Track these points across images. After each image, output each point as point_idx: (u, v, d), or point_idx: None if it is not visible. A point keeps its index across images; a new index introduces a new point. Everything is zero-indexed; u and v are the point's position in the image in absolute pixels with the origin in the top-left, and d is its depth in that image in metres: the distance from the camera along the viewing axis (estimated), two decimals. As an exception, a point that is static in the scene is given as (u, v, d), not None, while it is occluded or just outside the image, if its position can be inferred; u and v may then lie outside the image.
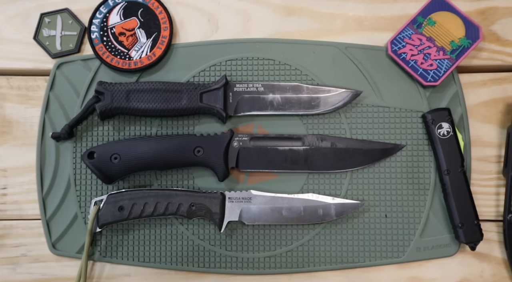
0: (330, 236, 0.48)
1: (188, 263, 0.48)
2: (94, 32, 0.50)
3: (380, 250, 0.48)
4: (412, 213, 0.48)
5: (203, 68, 0.50)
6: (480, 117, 0.50)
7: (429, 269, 0.48)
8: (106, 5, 0.50)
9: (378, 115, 0.49)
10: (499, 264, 0.48)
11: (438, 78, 0.48)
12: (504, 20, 0.51)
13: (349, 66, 0.50)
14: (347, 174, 0.49)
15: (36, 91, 0.51)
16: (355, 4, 0.51)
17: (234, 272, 0.48)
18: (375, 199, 0.49)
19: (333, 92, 0.48)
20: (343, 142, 0.48)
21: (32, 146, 0.50)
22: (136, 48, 0.50)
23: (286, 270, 0.48)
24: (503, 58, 0.50)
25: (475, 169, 0.49)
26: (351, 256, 0.48)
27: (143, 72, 0.50)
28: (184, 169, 0.49)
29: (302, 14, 0.51)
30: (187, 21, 0.51)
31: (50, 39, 0.51)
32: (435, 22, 0.49)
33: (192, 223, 0.48)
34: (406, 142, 0.49)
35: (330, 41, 0.50)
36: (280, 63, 0.50)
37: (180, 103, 0.47)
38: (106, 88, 0.47)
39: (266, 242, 0.48)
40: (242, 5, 0.52)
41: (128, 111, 0.48)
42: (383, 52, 0.50)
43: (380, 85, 0.50)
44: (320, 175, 0.49)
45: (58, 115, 0.50)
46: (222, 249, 0.48)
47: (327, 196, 0.48)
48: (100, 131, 0.49)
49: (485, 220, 0.48)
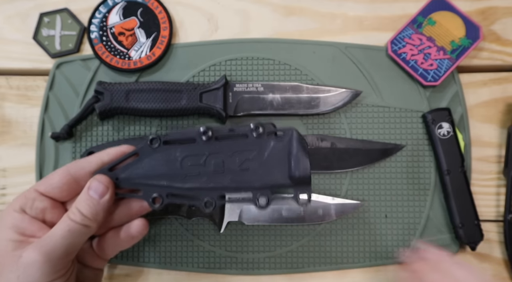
0: (330, 236, 0.48)
1: (188, 264, 0.48)
2: (93, 32, 0.50)
3: (380, 250, 0.48)
4: (412, 213, 0.48)
5: (202, 68, 0.50)
6: (481, 117, 0.50)
7: (429, 269, 0.48)
8: (106, 5, 0.50)
9: (378, 115, 0.49)
10: (499, 264, 0.48)
11: (438, 78, 0.48)
12: (504, 20, 0.51)
13: (349, 66, 0.50)
14: (347, 174, 0.49)
15: (35, 91, 0.51)
16: (355, 4, 0.51)
17: (234, 272, 0.48)
18: (375, 199, 0.49)
19: (333, 92, 0.48)
20: (343, 142, 0.48)
21: (31, 145, 0.49)
22: (136, 48, 0.50)
23: (286, 270, 0.48)
24: (504, 58, 0.50)
25: (475, 169, 0.49)
26: (351, 256, 0.48)
27: (143, 72, 0.50)
28: (184, 169, 0.49)
29: (302, 14, 0.51)
30: (187, 21, 0.51)
31: (49, 39, 0.51)
32: (435, 22, 0.49)
33: (192, 223, 0.48)
34: (406, 142, 0.49)
35: (330, 41, 0.50)
36: (280, 63, 0.50)
37: (179, 103, 0.47)
38: (106, 88, 0.47)
39: (266, 242, 0.48)
40: (242, 5, 0.51)
41: (128, 111, 0.48)
42: (383, 52, 0.50)
43: (380, 85, 0.50)
44: (320, 175, 0.49)
45: (57, 115, 0.50)
46: (222, 250, 0.48)
47: (327, 196, 0.48)
48: (100, 131, 0.49)
49: (485, 220, 0.48)
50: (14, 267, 0.35)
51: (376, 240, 0.48)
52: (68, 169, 0.39)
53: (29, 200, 0.38)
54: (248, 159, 0.39)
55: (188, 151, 0.40)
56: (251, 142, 0.40)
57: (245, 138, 0.40)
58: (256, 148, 0.40)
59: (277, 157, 0.40)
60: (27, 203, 0.38)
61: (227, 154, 0.40)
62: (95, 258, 0.42)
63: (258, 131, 0.40)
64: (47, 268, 0.35)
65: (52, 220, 0.39)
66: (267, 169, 0.39)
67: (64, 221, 0.37)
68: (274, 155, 0.40)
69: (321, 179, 0.49)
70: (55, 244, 0.36)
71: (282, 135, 0.40)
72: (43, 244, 0.36)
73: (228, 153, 0.40)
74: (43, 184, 0.39)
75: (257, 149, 0.40)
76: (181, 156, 0.40)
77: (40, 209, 0.39)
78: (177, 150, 0.40)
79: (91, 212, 0.37)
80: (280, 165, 0.39)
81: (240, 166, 0.39)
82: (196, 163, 0.40)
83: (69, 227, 0.36)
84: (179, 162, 0.40)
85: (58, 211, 0.39)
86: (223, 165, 0.39)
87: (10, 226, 0.37)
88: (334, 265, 0.48)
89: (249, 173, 0.39)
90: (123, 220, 0.41)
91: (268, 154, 0.40)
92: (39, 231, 0.38)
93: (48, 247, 0.35)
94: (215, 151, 0.40)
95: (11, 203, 0.39)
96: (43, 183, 0.39)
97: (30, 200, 0.38)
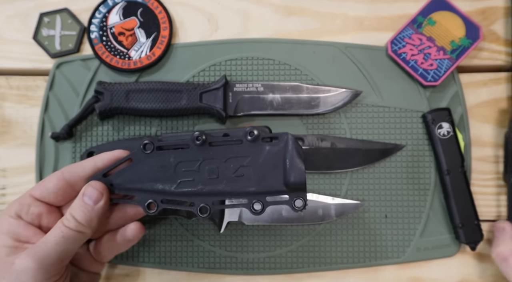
0: (330, 236, 0.48)
1: (188, 264, 0.48)
2: (93, 32, 0.50)
3: (380, 250, 0.48)
4: (412, 213, 0.48)
5: (202, 68, 0.50)
6: (481, 117, 0.50)
7: (429, 269, 0.48)
8: (106, 5, 0.50)
9: (378, 115, 0.49)
10: (499, 264, 0.48)
11: (438, 78, 0.48)
12: (504, 20, 0.51)
13: (349, 66, 0.50)
14: (347, 174, 0.49)
15: (35, 91, 0.51)
16: (355, 4, 0.51)
17: (234, 272, 0.48)
18: (375, 199, 0.49)
19: (333, 92, 0.48)
20: (343, 142, 0.48)
21: (31, 146, 0.49)
22: (136, 48, 0.50)
23: (286, 270, 0.48)
24: (503, 58, 0.50)
25: (475, 169, 0.49)
26: (351, 256, 0.48)
27: (143, 72, 0.50)
28: (184, 169, 0.49)
29: (302, 14, 0.51)
30: (187, 21, 0.51)
31: (49, 39, 0.51)
32: (435, 22, 0.49)
33: (192, 223, 0.48)
34: (406, 142, 0.49)
35: (330, 41, 0.50)
36: (280, 63, 0.50)
37: (179, 103, 0.47)
38: (106, 88, 0.47)
39: (266, 242, 0.48)
40: (242, 5, 0.51)
41: (128, 111, 0.48)
42: (383, 52, 0.50)
43: (380, 85, 0.50)
44: (320, 175, 0.49)
45: (57, 115, 0.50)
46: (222, 250, 0.48)
47: (327, 196, 0.48)
48: (100, 131, 0.49)
49: (485, 220, 0.48)
50: (7, 274, 0.35)
51: (376, 240, 0.48)
52: (62, 173, 0.39)
53: (24, 205, 0.38)
54: (242, 166, 0.39)
55: (182, 157, 0.39)
56: (246, 147, 0.39)
57: (239, 143, 0.40)
58: (250, 153, 0.39)
59: (272, 162, 0.39)
60: (23, 208, 0.38)
61: (221, 160, 0.39)
62: (91, 261, 0.42)
63: (253, 136, 0.39)
64: (40, 274, 0.35)
65: (48, 225, 0.39)
66: (262, 175, 0.39)
67: (58, 227, 0.37)
68: (269, 161, 0.39)
69: (321, 179, 0.49)
70: (49, 251, 0.36)
71: (277, 140, 0.40)
72: (36, 250, 0.36)
73: (223, 159, 0.39)
74: (38, 189, 0.39)
75: (252, 154, 0.39)
76: (175, 161, 0.39)
77: (36, 214, 0.39)
78: (171, 155, 0.39)
79: (86, 219, 0.37)
80: (275, 170, 0.39)
81: (234, 172, 0.39)
82: (190, 169, 0.39)
83: (63, 233, 0.36)
84: (173, 167, 0.39)
85: (54, 216, 0.39)
86: (217, 171, 0.39)
87: (5, 231, 0.37)
88: (334, 265, 0.48)
89: (243, 179, 0.39)
90: (119, 223, 0.41)
91: (263, 159, 0.39)
92: (34, 237, 0.38)
93: (41, 253, 0.35)
94: (209, 157, 0.39)
95: (7, 209, 0.39)
96: (38, 188, 0.39)
97: (26, 206, 0.38)
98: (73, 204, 0.38)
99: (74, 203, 0.38)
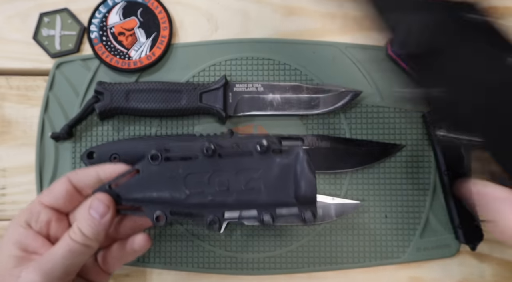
0: (330, 236, 0.48)
1: (188, 264, 0.48)
2: (93, 32, 0.50)
3: (380, 250, 0.48)
4: (412, 213, 0.48)
5: (202, 68, 0.50)
6: (480, 117, 0.50)
7: (429, 269, 0.48)
8: (106, 5, 0.50)
9: (378, 115, 0.49)
10: (499, 264, 0.48)
11: (438, 78, 0.48)
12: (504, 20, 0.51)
13: (349, 66, 0.50)
14: (347, 174, 0.49)
15: (35, 91, 0.51)
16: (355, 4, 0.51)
17: (234, 272, 0.48)
18: (375, 199, 0.49)
19: (333, 92, 0.48)
20: (343, 142, 0.48)
21: (31, 146, 0.49)
22: (136, 48, 0.50)
23: (286, 270, 0.48)
24: (503, 58, 0.50)
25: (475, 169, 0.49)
26: (351, 256, 0.48)
27: (143, 72, 0.50)
28: (184, 169, 0.49)
29: (302, 14, 0.51)
30: (187, 21, 0.51)
31: (49, 39, 0.51)
32: (435, 22, 0.49)
33: (192, 223, 0.48)
34: (406, 142, 0.49)
35: (330, 41, 0.50)
36: (280, 63, 0.50)
37: (179, 103, 0.47)
38: (106, 88, 0.47)
39: (266, 242, 0.48)
40: (242, 5, 0.51)
41: (128, 111, 0.48)
42: (383, 52, 0.50)
43: (380, 85, 0.50)
44: (320, 175, 0.49)
45: (57, 115, 0.50)
46: (221, 250, 0.48)
47: (327, 196, 0.48)
48: (100, 131, 0.49)
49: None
50: None
51: (376, 240, 0.48)
52: (68, 178, 0.40)
53: (34, 213, 0.39)
54: (253, 178, 0.39)
55: (191, 168, 0.39)
56: (256, 159, 0.39)
57: (249, 155, 0.40)
58: (261, 166, 0.39)
59: (283, 175, 0.39)
60: (33, 216, 0.38)
61: (232, 173, 0.39)
62: (98, 272, 0.42)
63: (263, 149, 0.39)
64: None
65: (56, 234, 0.39)
66: (273, 187, 0.39)
67: (65, 240, 0.37)
68: (280, 173, 0.39)
69: (321, 179, 0.49)
70: (55, 264, 0.35)
71: (287, 152, 0.39)
72: (42, 263, 0.35)
73: (233, 171, 0.39)
74: (47, 196, 0.39)
75: (262, 167, 0.39)
76: (184, 173, 0.39)
77: (45, 222, 0.39)
78: (179, 167, 0.39)
79: (92, 232, 0.37)
80: (285, 183, 0.39)
81: (245, 185, 0.39)
82: (199, 181, 0.39)
83: (70, 247, 0.36)
84: (182, 178, 0.39)
85: (62, 225, 0.40)
86: (227, 184, 0.39)
87: (14, 241, 0.37)
88: (334, 265, 0.48)
89: (254, 191, 0.39)
90: (129, 232, 0.42)
91: (274, 172, 0.39)
92: (42, 248, 0.38)
93: (47, 267, 0.35)
94: (219, 169, 0.39)
95: (17, 217, 0.39)
96: (47, 194, 0.40)
97: (36, 214, 0.39)
98: (80, 216, 0.38)
99: (80, 215, 0.38)
